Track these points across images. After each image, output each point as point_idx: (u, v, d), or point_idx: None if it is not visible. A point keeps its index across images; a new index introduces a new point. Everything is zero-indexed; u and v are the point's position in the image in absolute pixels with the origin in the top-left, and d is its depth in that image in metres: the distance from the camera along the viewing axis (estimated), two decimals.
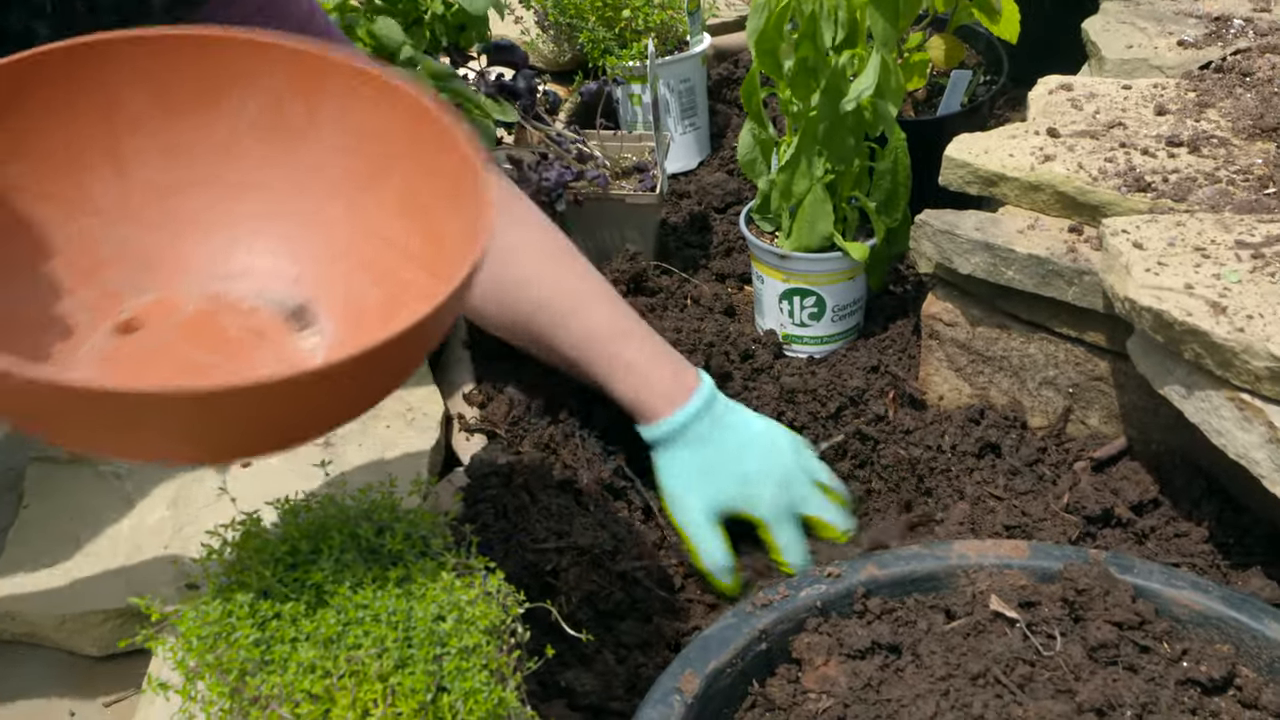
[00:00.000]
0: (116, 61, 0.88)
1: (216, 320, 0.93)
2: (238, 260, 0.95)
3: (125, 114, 0.91)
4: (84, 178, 0.90)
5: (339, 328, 0.93)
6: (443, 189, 0.91)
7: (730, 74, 2.12)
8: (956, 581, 0.99)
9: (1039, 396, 1.27)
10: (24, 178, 0.87)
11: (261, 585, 0.83)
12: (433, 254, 0.91)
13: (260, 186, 0.95)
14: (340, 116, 0.93)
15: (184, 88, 0.91)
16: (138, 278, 0.92)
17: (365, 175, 0.94)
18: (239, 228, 0.95)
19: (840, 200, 1.38)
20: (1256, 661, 0.91)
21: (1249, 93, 1.30)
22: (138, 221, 0.92)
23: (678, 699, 0.89)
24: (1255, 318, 0.94)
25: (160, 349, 0.89)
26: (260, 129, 0.94)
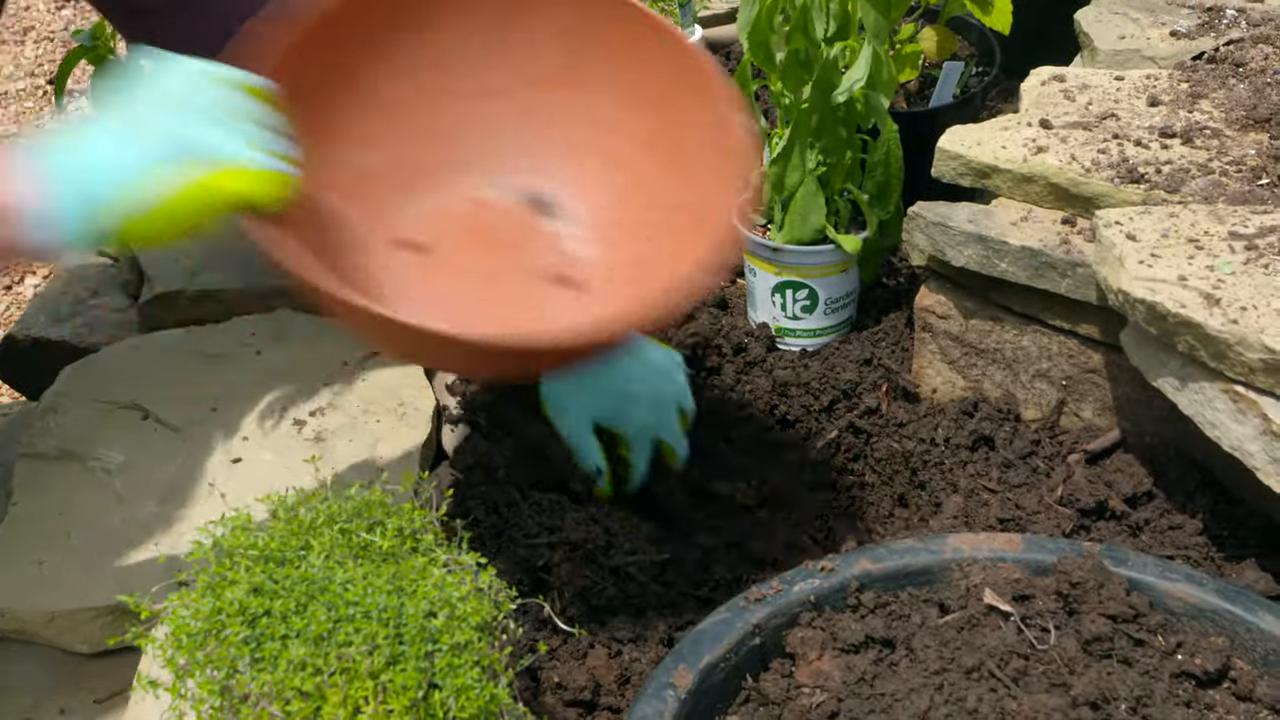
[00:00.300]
0: (341, 22, 1.00)
1: (485, 221, 1.06)
2: (483, 160, 1.07)
3: (361, 55, 1.03)
4: (351, 109, 1.03)
5: (580, 211, 1.07)
6: (672, 86, 1.03)
7: (722, 66, 2.11)
8: (950, 575, 0.99)
9: (1032, 389, 1.26)
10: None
11: (252, 582, 0.82)
12: (666, 140, 1.04)
13: (485, 93, 1.07)
14: (541, 14, 1.06)
15: (407, 24, 1.04)
16: (405, 193, 1.05)
17: (581, 70, 1.07)
18: (488, 131, 1.07)
19: (832, 193, 1.38)
20: (1251, 654, 0.91)
21: (1242, 83, 1.30)
22: (395, 140, 1.04)
23: (671, 694, 0.89)
24: (1249, 309, 0.94)
25: (458, 264, 1.03)
26: (476, 43, 1.06)
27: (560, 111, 1.09)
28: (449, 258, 1.05)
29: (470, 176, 1.08)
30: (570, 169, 1.08)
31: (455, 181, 1.08)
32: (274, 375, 1.36)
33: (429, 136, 1.07)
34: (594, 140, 1.08)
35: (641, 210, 1.05)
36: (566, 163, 1.08)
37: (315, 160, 0.95)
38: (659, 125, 1.06)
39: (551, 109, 1.09)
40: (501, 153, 1.09)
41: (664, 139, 1.05)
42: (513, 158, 1.09)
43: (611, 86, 1.07)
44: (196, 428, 1.30)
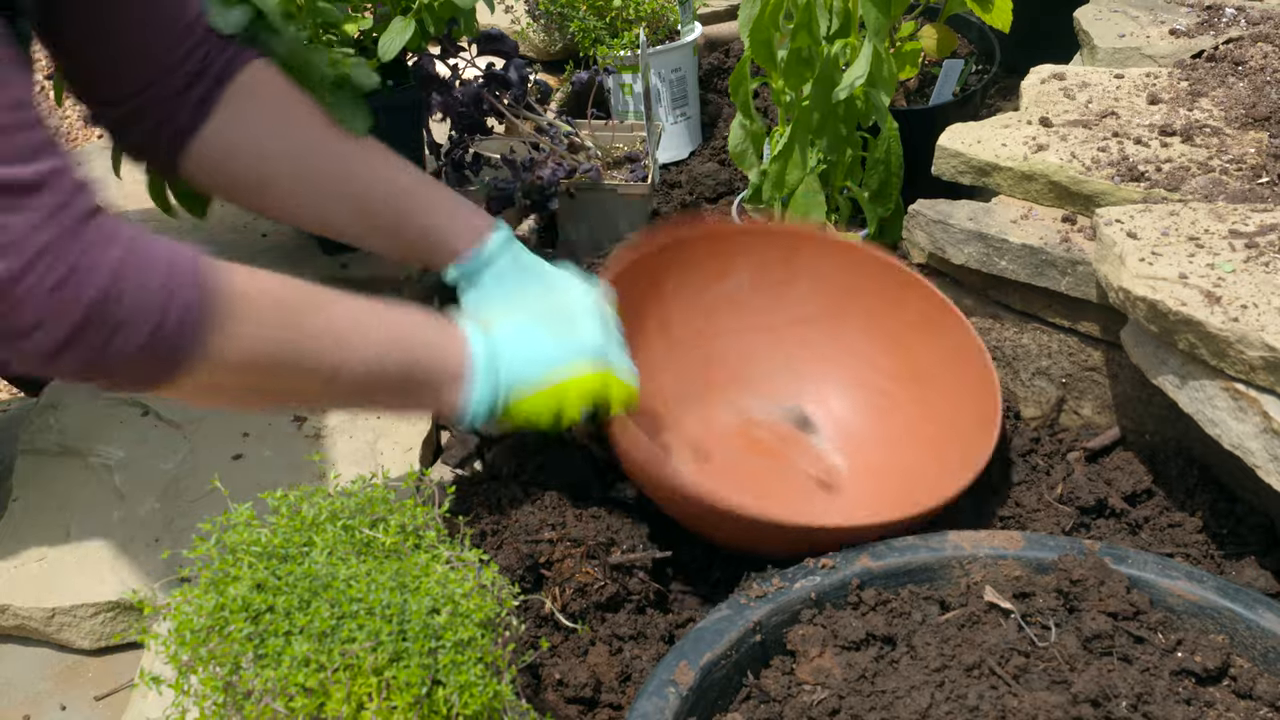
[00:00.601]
0: (668, 254, 1.25)
1: (756, 434, 1.27)
2: (753, 385, 1.30)
3: (664, 289, 1.26)
4: (649, 346, 1.23)
5: (833, 429, 1.27)
6: (911, 320, 1.24)
7: (721, 64, 2.11)
8: (951, 573, 0.99)
9: (1032, 387, 1.26)
10: None
11: (255, 578, 0.82)
12: (901, 364, 1.25)
13: (758, 328, 1.31)
14: (812, 267, 1.29)
15: (705, 267, 1.28)
16: (691, 410, 1.27)
17: (836, 310, 1.29)
18: (749, 360, 1.30)
19: (832, 190, 1.38)
20: (1251, 652, 0.91)
21: (1241, 82, 1.30)
22: (682, 368, 1.26)
23: (673, 691, 0.89)
24: (1250, 307, 0.94)
25: (734, 467, 1.23)
26: (755, 286, 1.30)
27: (821, 346, 1.30)
28: (727, 461, 1.24)
29: (743, 397, 1.29)
30: (827, 393, 1.29)
31: (731, 400, 1.29)
32: None
33: (709, 362, 1.29)
34: (850, 371, 1.29)
35: (886, 428, 1.25)
36: (824, 387, 1.30)
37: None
38: (908, 361, 1.26)
39: (814, 343, 1.31)
40: (770, 378, 1.31)
41: (912, 372, 1.25)
42: (779, 383, 1.30)
43: (868, 327, 1.28)
44: (197, 424, 1.30)
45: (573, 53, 1.96)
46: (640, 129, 1.64)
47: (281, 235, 1.63)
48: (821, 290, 1.30)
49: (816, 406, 1.29)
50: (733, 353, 1.30)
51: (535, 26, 2.04)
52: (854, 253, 1.28)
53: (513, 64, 1.55)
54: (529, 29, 2.05)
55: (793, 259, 1.29)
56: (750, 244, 1.29)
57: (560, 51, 2.08)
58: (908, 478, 1.14)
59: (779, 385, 1.30)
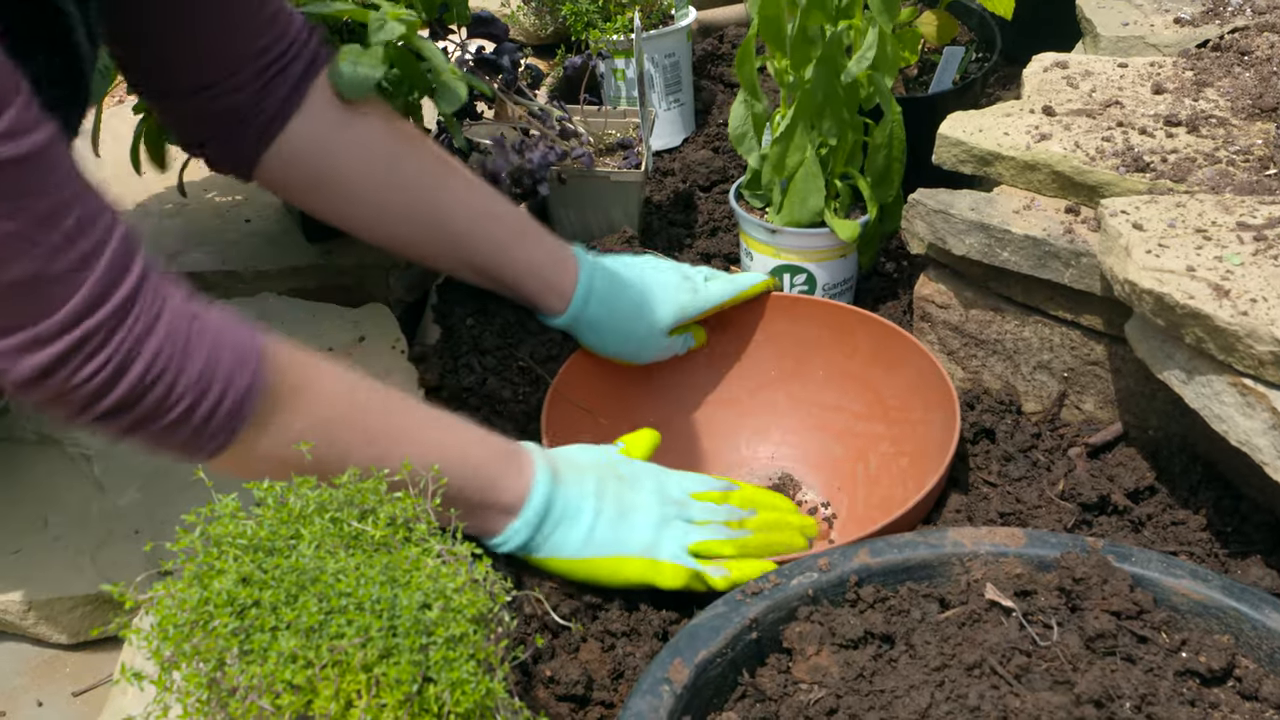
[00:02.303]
0: None
1: None
2: (728, 457, 1.33)
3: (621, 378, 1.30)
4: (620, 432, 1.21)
5: (817, 480, 1.30)
6: (867, 358, 1.28)
7: (715, 49, 2.09)
8: (951, 570, 0.97)
9: (1033, 381, 1.24)
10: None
11: (240, 572, 0.80)
12: (869, 403, 1.28)
13: (721, 403, 1.35)
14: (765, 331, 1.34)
15: None
16: None
17: (795, 367, 1.34)
18: (719, 434, 1.34)
19: (833, 175, 1.36)
20: (1257, 652, 0.89)
21: (1247, 72, 1.28)
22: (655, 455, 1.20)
23: (667, 689, 0.87)
24: (1259, 301, 0.92)
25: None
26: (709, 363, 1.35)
27: (787, 406, 1.34)
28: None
29: (722, 472, 1.30)
30: (804, 448, 1.32)
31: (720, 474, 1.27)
32: None
33: (681, 444, 1.31)
34: (821, 421, 1.32)
35: (866, 467, 1.27)
36: (799, 443, 1.33)
37: None
38: (874, 398, 1.29)
39: (779, 405, 1.34)
40: (743, 448, 1.34)
41: (881, 408, 1.28)
42: (755, 450, 1.34)
43: (829, 376, 1.32)
44: None
45: (564, 37, 1.93)
46: (633, 115, 1.62)
47: (265, 222, 1.60)
48: (777, 352, 1.35)
49: (796, 464, 1.32)
50: (701, 431, 1.34)
51: (526, 10, 2.02)
52: (802, 306, 1.33)
53: (504, 48, 1.53)
54: (519, 12, 2.03)
55: (743, 328, 1.34)
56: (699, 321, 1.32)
57: (551, 35, 2.06)
58: (889, 510, 1.13)
59: (754, 452, 1.34)
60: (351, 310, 1.42)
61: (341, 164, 1.15)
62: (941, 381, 1.18)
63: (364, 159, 1.16)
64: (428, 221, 1.19)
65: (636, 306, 1.25)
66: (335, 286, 1.50)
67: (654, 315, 1.25)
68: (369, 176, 1.16)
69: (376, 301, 1.45)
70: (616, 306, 1.24)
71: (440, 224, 1.19)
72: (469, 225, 1.20)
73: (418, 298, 1.55)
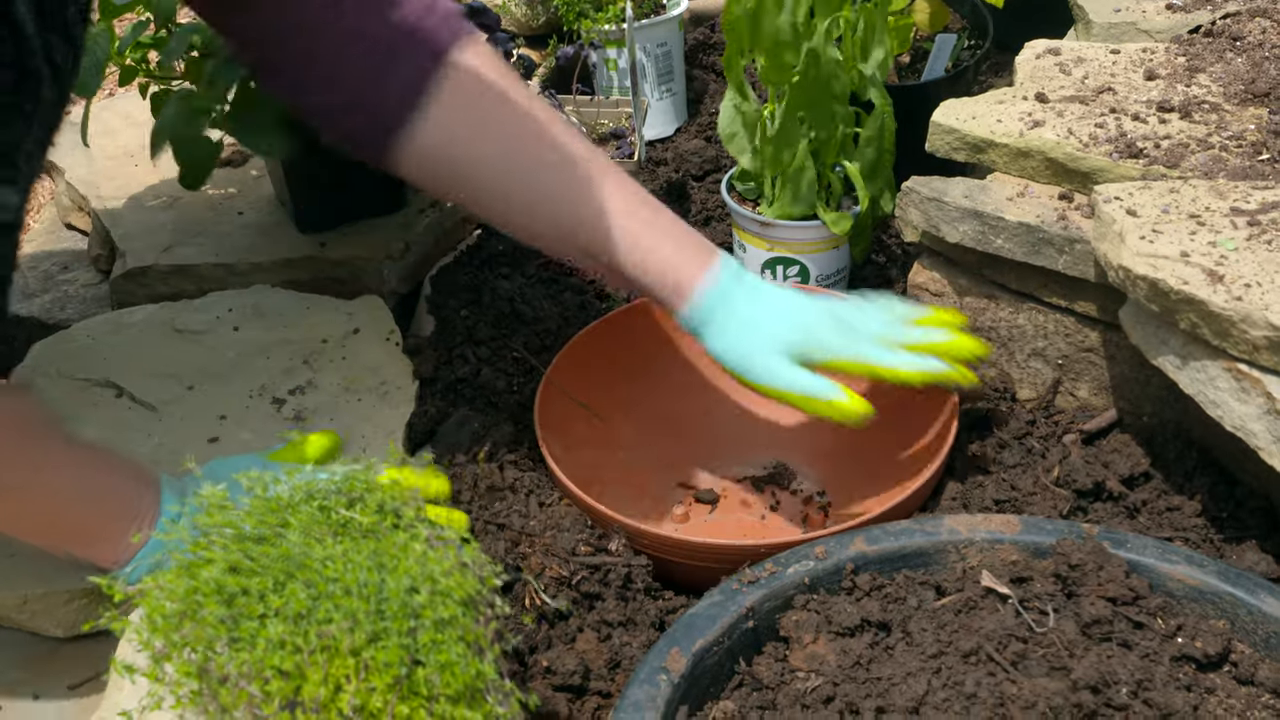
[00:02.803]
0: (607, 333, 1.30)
1: (735, 495, 1.28)
2: (724, 446, 1.32)
3: (619, 369, 1.30)
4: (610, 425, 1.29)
5: (814, 472, 1.29)
6: None
7: (706, 39, 2.08)
8: (947, 557, 0.97)
9: (1027, 368, 1.24)
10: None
11: (229, 561, 0.80)
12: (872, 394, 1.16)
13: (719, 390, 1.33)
14: None
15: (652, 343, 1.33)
16: (667, 480, 1.30)
17: None
18: (714, 423, 1.33)
19: (824, 167, 1.35)
20: (1252, 637, 0.89)
21: (1239, 57, 1.28)
22: (650, 443, 1.30)
23: (664, 678, 0.87)
24: (1253, 286, 0.92)
25: (710, 525, 1.25)
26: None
27: None
28: (712, 522, 1.26)
29: (719, 463, 1.32)
30: (800, 441, 1.31)
31: (709, 468, 1.31)
32: (252, 352, 1.33)
33: (678, 436, 1.32)
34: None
35: (862, 459, 1.25)
36: (795, 436, 1.31)
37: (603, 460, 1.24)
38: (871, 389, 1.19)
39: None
40: (739, 440, 1.33)
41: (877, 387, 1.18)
42: (751, 443, 1.32)
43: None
44: (172, 406, 1.26)
45: (555, 27, 1.92)
46: (625, 105, 1.61)
47: (258, 214, 1.59)
48: None
49: (792, 452, 1.31)
50: (696, 420, 1.33)
51: (518, 0, 2.01)
52: None
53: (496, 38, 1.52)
54: (510, 2, 2.02)
55: None
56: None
57: (543, 26, 2.05)
58: (886, 501, 1.13)
59: (750, 441, 1.33)
60: (346, 302, 1.41)
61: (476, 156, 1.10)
62: None
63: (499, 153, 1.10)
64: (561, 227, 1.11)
65: (759, 314, 1.10)
66: (329, 278, 1.49)
67: (774, 325, 1.09)
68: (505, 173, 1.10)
69: (371, 293, 1.45)
70: (734, 315, 1.09)
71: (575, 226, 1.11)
72: (600, 224, 1.10)
73: (412, 289, 1.54)
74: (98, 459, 1.01)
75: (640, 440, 1.30)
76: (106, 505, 0.99)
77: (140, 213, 1.61)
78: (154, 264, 1.49)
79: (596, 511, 1.08)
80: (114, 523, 0.99)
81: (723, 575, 0.98)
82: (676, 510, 1.26)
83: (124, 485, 1.00)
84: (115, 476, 1.01)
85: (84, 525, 0.99)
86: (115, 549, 0.99)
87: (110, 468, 1.01)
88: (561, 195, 1.10)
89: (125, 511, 0.99)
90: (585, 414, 1.26)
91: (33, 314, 1.57)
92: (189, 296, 1.44)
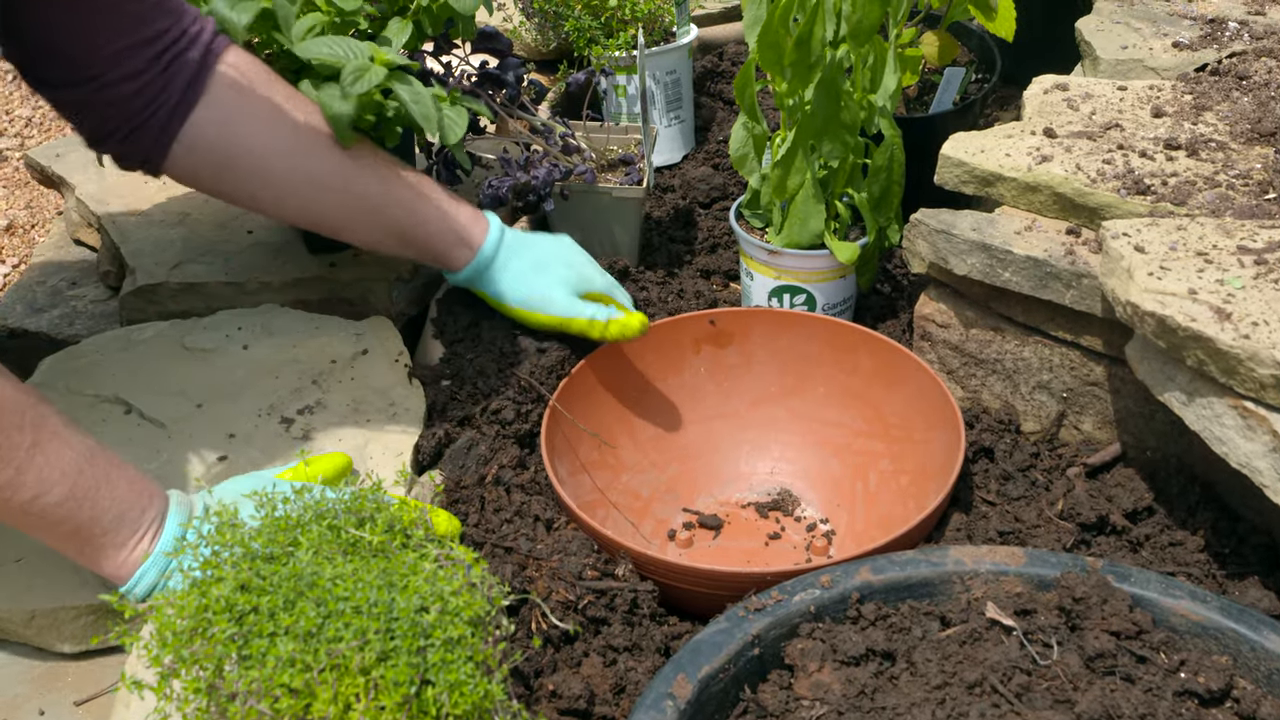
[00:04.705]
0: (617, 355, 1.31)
1: (737, 519, 1.28)
2: (727, 471, 1.33)
3: (624, 390, 1.31)
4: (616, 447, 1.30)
5: (816, 497, 1.30)
6: (869, 376, 1.28)
7: (715, 67, 2.10)
8: (952, 588, 0.97)
9: (1032, 401, 1.25)
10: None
11: (239, 579, 0.80)
12: (869, 420, 1.29)
13: (722, 416, 1.35)
14: (765, 346, 1.34)
15: (659, 364, 1.34)
16: (671, 504, 1.29)
17: (795, 383, 1.33)
18: (719, 448, 1.34)
19: (833, 197, 1.36)
20: (1255, 673, 0.90)
21: (1246, 96, 1.29)
22: (654, 466, 1.31)
23: (670, 704, 0.87)
24: (1260, 324, 0.93)
25: (714, 550, 1.25)
26: (710, 374, 1.35)
27: (787, 421, 1.34)
28: (714, 548, 1.26)
29: (721, 486, 1.32)
30: (803, 463, 1.33)
31: (711, 492, 1.32)
32: (261, 371, 1.34)
33: (682, 457, 1.33)
34: (821, 438, 1.33)
35: (865, 484, 1.27)
36: (798, 459, 1.33)
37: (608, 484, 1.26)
38: (875, 415, 1.29)
39: (779, 420, 1.35)
40: (742, 461, 1.34)
41: (881, 426, 1.28)
42: (754, 464, 1.34)
43: (829, 393, 1.32)
44: (181, 423, 1.27)
45: (566, 52, 1.94)
46: (634, 132, 1.62)
47: (268, 233, 1.60)
48: (778, 367, 1.35)
49: (795, 479, 1.32)
50: (701, 445, 1.35)
51: (528, 25, 2.02)
52: (803, 323, 1.33)
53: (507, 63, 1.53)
54: (521, 27, 2.03)
55: (744, 341, 1.35)
56: (698, 332, 1.34)
57: (553, 51, 2.06)
58: (889, 528, 1.14)
59: (754, 467, 1.34)
60: (354, 323, 1.42)
61: (251, 142, 1.18)
62: (944, 400, 1.19)
63: (273, 134, 1.19)
64: (340, 186, 1.23)
65: (543, 259, 1.32)
66: (338, 299, 1.50)
67: (560, 269, 1.31)
68: (280, 151, 1.20)
69: (379, 314, 1.45)
70: (524, 255, 1.32)
71: (352, 186, 1.23)
72: (381, 185, 1.25)
73: (420, 311, 1.55)
74: (100, 460, 1.01)
75: (645, 464, 1.31)
76: (103, 508, 0.99)
77: (150, 229, 1.62)
78: (164, 281, 1.50)
79: (603, 537, 1.09)
80: (115, 530, 0.99)
81: (728, 601, 0.98)
82: (681, 534, 1.26)
83: (127, 493, 1.00)
84: (118, 483, 1.01)
85: (80, 527, 0.99)
86: (115, 560, 0.99)
87: (112, 474, 1.01)
88: (347, 164, 1.22)
89: (126, 519, 0.99)
90: (591, 437, 1.27)
91: (41, 329, 1.58)
92: (198, 314, 1.45)
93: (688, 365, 1.34)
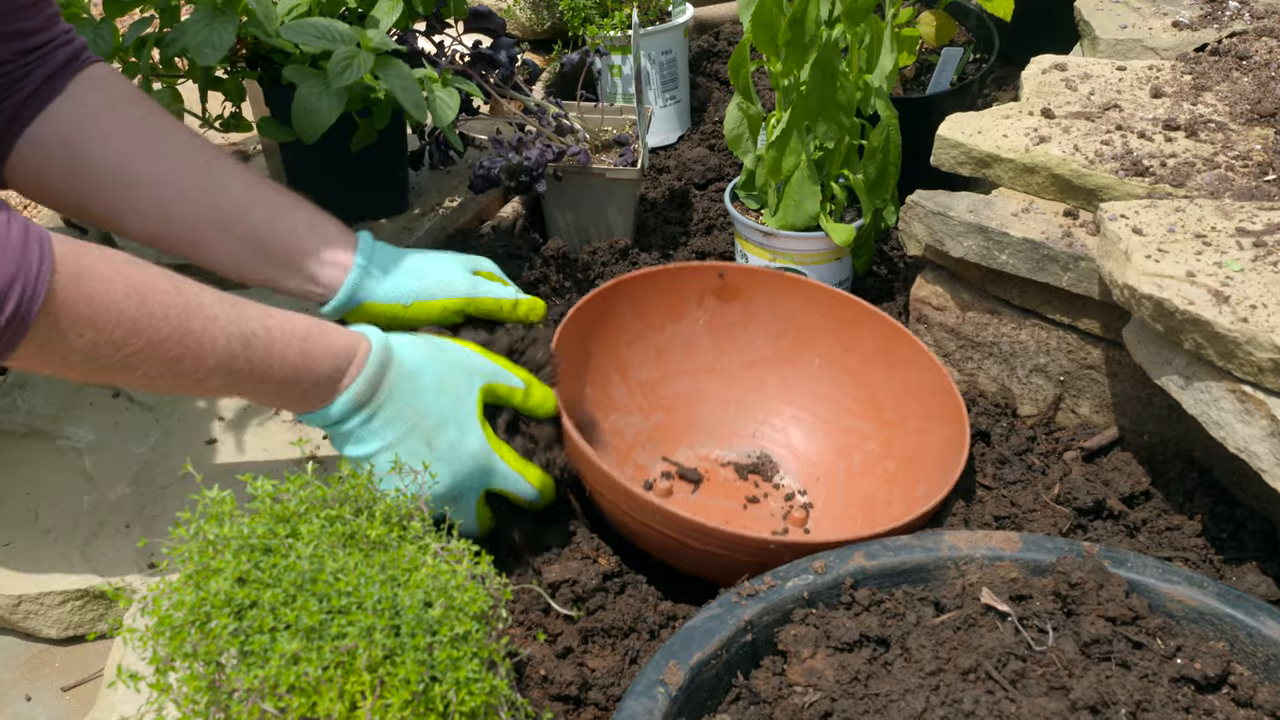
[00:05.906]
0: (621, 294, 1.27)
1: (714, 476, 1.27)
2: (711, 427, 1.31)
3: (621, 333, 1.29)
4: (608, 386, 1.28)
5: (796, 467, 1.28)
6: (867, 355, 1.26)
7: (710, 46, 2.08)
8: (946, 574, 0.97)
9: (1029, 384, 1.24)
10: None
11: (237, 572, 0.79)
12: (862, 400, 1.27)
13: (713, 371, 1.33)
14: (768, 307, 1.31)
15: (660, 309, 1.31)
16: (651, 451, 1.28)
17: (791, 350, 1.32)
18: (706, 403, 1.32)
19: (828, 178, 1.35)
20: (1251, 659, 0.89)
21: (1246, 76, 1.28)
22: (641, 410, 1.29)
23: (661, 691, 0.86)
24: (1259, 308, 0.92)
25: (701, 508, 1.23)
26: (709, 328, 1.32)
27: (778, 388, 1.32)
28: (689, 503, 1.25)
29: (703, 442, 1.31)
30: (788, 433, 1.31)
31: (691, 446, 1.30)
32: None
33: (668, 407, 1.31)
34: (809, 411, 1.31)
35: (849, 463, 1.26)
36: (784, 427, 1.31)
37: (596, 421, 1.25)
38: (869, 396, 1.27)
39: (770, 386, 1.33)
40: (728, 421, 1.32)
41: (874, 407, 1.26)
42: (738, 426, 1.32)
43: (826, 366, 1.30)
44: (170, 407, 1.26)
45: (560, 32, 1.92)
46: (629, 112, 1.61)
47: None
48: (776, 331, 1.32)
49: (778, 447, 1.31)
50: (690, 396, 1.33)
51: (522, 4, 2.01)
52: (811, 291, 1.30)
53: (501, 43, 1.52)
54: (515, 6, 2.02)
55: (749, 300, 1.32)
56: (705, 284, 1.31)
57: (547, 31, 2.05)
58: (870, 510, 1.13)
59: (738, 428, 1.32)
60: None
61: (112, 142, 1.10)
62: (947, 391, 1.16)
63: (136, 135, 1.11)
64: (206, 187, 1.12)
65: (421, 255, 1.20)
66: None
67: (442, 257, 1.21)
68: (142, 153, 1.11)
69: None
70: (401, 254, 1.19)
71: (216, 197, 1.12)
72: (246, 190, 1.14)
73: None
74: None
75: (632, 406, 1.29)
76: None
77: None
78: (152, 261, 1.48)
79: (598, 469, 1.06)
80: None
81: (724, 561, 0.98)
82: (660, 483, 1.25)
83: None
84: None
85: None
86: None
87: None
88: (213, 172, 1.13)
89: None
90: (588, 372, 1.24)
91: None
92: None
93: (688, 315, 1.32)
